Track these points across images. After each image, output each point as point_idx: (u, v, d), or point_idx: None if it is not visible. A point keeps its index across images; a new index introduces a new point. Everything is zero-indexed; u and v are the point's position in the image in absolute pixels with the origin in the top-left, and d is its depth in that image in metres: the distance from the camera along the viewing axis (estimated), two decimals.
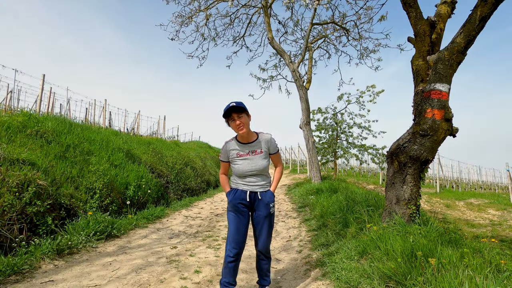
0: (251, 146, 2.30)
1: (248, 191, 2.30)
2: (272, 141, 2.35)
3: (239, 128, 2.19)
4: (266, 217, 2.31)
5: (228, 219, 2.34)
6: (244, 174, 2.28)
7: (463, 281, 1.90)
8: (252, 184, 2.30)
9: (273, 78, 12.18)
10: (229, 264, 2.23)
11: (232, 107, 2.14)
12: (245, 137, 2.28)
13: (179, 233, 4.66)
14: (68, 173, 4.73)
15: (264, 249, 2.36)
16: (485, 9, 2.84)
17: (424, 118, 3.09)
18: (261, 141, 2.31)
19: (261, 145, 2.31)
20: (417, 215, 3.14)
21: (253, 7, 11.15)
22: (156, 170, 7.94)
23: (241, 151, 2.29)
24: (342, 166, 22.05)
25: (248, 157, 2.28)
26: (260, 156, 2.29)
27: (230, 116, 2.19)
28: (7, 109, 8.69)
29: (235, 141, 2.32)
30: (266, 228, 2.33)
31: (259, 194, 2.31)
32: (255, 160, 2.28)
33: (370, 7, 9.74)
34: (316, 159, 10.03)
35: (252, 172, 2.28)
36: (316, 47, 12.38)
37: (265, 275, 2.44)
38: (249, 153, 2.29)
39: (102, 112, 13.53)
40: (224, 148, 2.35)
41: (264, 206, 2.30)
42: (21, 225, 3.38)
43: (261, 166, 2.28)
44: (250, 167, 2.27)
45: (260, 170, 2.29)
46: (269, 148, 2.34)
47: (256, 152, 2.29)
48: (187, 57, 11.45)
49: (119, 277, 2.82)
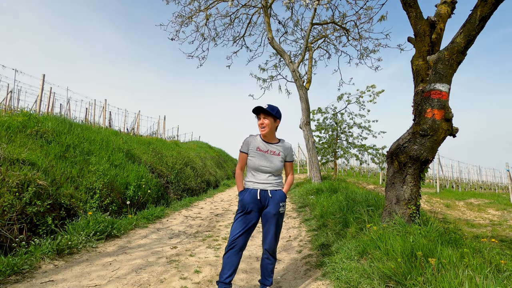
0: (271, 146, 2.44)
1: (259, 190, 2.36)
2: (291, 150, 2.53)
3: (261, 127, 2.39)
4: (275, 215, 2.35)
5: (235, 216, 2.39)
6: (258, 168, 2.37)
7: (463, 281, 1.89)
8: (263, 182, 2.38)
9: (273, 78, 12.18)
10: (226, 253, 2.27)
11: (260, 108, 2.35)
12: (267, 137, 2.44)
13: (179, 233, 4.66)
14: (68, 173, 4.73)
15: (270, 249, 2.39)
16: (485, 9, 2.84)
17: (424, 118, 3.09)
18: (282, 146, 2.47)
19: (281, 149, 2.45)
20: (417, 215, 3.14)
21: (253, 7, 11.16)
22: (156, 170, 7.94)
23: (262, 147, 2.42)
24: (342, 166, 22.06)
25: (266, 155, 2.40)
26: (277, 158, 2.41)
27: (259, 114, 2.40)
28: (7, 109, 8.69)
29: (259, 137, 2.46)
30: (274, 227, 2.36)
31: (269, 192, 2.37)
32: (271, 159, 2.40)
33: (370, 7, 9.75)
34: (316, 159, 10.03)
35: (266, 169, 2.37)
36: (316, 47, 12.38)
37: (268, 275, 2.44)
38: (268, 151, 2.41)
39: (102, 112, 13.53)
40: (247, 140, 2.46)
41: (275, 203, 2.35)
42: (21, 225, 3.38)
43: (275, 166, 2.39)
44: (265, 163, 2.38)
45: (274, 170, 2.39)
46: (287, 155, 2.49)
47: (274, 153, 2.42)
48: (187, 57, 11.46)
49: (119, 277, 2.82)
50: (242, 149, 2.46)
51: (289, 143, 2.55)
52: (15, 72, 9.63)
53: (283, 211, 2.42)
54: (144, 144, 9.53)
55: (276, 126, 2.45)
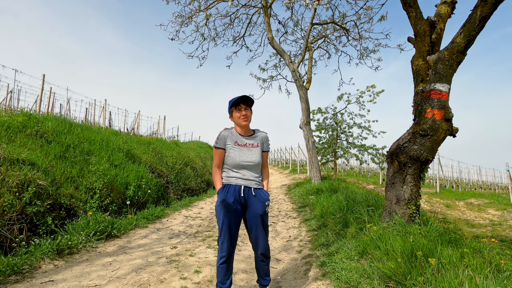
0: (249, 139, 2.31)
1: (243, 186, 2.21)
2: (267, 139, 2.40)
3: (243, 118, 2.22)
4: (262, 216, 2.23)
5: (219, 218, 2.21)
6: (239, 164, 2.22)
7: (463, 281, 1.89)
8: (246, 178, 2.23)
9: (273, 78, 12.18)
10: (220, 265, 2.19)
11: (244, 97, 2.20)
12: (244, 130, 2.31)
13: (179, 233, 4.66)
14: (68, 173, 4.73)
15: (266, 251, 2.28)
16: (485, 9, 2.84)
17: (424, 118, 3.09)
18: (258, 137, 2.35)
19: (258, 140, 2.34)
20: (417, 215, 3.14)
21: (253, 7, 11.15)
22: (156, 170, 7.94)
23: (240, 140, 2.28)
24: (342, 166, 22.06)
25: (246, 148, 2.27)
26: (257, 150, 2.30)
27: (238, 105, 2.23)
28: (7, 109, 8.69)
29: (234, 131, 2.32)
30: (263, 228, 2.26)
31: (253, 190, 2.23)
32: (252, 152, 2.27)
33: (370, 7, 9.74)
34: (316, 159, 10.03)
35: (248, 163, 2.23)
36: (316, 47, 12.37)
37: (266, 275, 2.40)
38: (246, 144, 2.28)
39: (102, 112, 13.53)
40: (222, 134, 2.26)
41: (261, 203, 2.23)
42: (21, 225, 3.38)
43: (257, 159, 2.26)
44: (246, 158, 2.23)
45: (256, 164, 2.27)
46: (263, 144, 2.37)
47: (253, 145, 2.30)
48: (187, 57, 11.46)
49: (119, 277, 2.82)
50: (218, 145, 2.25)
51: (264, 132, 2.41)
52: (15, 72, 9.63)
53: (268, 211, 2.31)
54: (144, 144, 9.53)
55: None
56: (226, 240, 2.18)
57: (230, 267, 2.24)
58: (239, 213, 2.22)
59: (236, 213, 2.20)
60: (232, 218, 2.19)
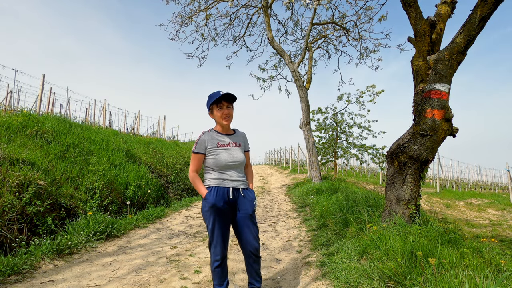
0: (231, 138, 2.24)
1: (231, 188, 2.16)
2: (246, 138, 2.38)
3: (225, 117, 2.15)
4: (251, 215, 2.20)
5: (208, 223, 2.15)
6: (226, 165, 2.15)
7: (463, 281, 1.89)
8: (234, 179, 2.18)
9: (273, 78, 12.18)
10: (215, 269, 2.16)
11: (227, 94, 2.09)
12: (226, 129, 2.24)
13: (179, 233, 4.66)
14: (68, 173, 4.73)
15: (255, 250, 2.19)
16: (485, 9, 2.84)
17: (424, 118, 3.09)
18: (239, 136, 2.32)
19: (240, 139, 2.30)
20: (417, 215, 3.14)
21: (253, 7, 11.15)
22: (156, 170, 7.94)
23: (222, 141, 2.20)
24: (342, 166, 22.06)
25: (230, 148, 2.20)
26: (240, 149, 2.25)
27: (220, 103, 2.12)
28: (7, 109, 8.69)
29: (214, 132, 2.23)
30: (253, 227, 2.20)
31: (241, 191, 2.20)
32: (236, 152, 2.21)
33: (370, 7, 9.74)
34: (316, 159, 10.03)
35: (235, 163, 2.18)
36: (316, 47, 12.38)
37: (257, 275, 2.26)
38: (229, 144, 2.21)
39: (102, 112, 13.53)
40: (202, 138, 2.17)
41: (249, 203, 2.20)
42: (21, 225, 3.38)
43: (241, 158, 2.21)
44: (232, 158, 2.17)
45: (240, 163, 2.22)
46: (245, 144, 2.33)
47: (236, 144, 2.24)
48: (187, 57, 11.46)
49: (119, 277, 2.82)
50: (197, 150, 2.17)
51: (243, 131, 2.38)
52: (15, 72, 9.63)
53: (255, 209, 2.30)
54: (144, 144, 9.53)
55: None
56: (219, 244, 2.14)
57: (225, 269, 2.22)
58: (228, 216, 2.18)
59: (226, 215, 2.16)
60: (223, 221, 2.15)
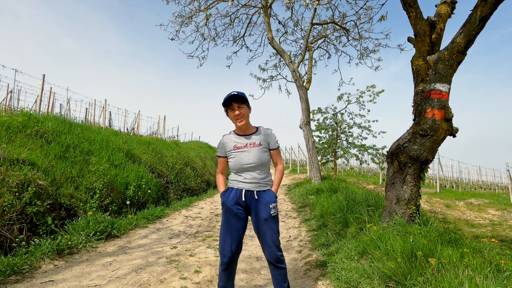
0: (250, 139, 2.14)
1: (244, 190, 2.08)
2: (272, 135, 2.20)
3: (237, 119, 2.08)
4: (266, 220, 2.04)
5: (221, 222, 2.13)
6: (241, 167, 2.09)
7: (463, 281, 1.89)
8: (248, 181, 2.08)
9: (273, 78, 12.18)
10: (222, 272, 2.10)
11: (233, 96, 2.02)
12: (243, 129, 2.15)
13: (179, 233, 4.66)
14: (68, 173, 4.73)
15: (271, 258, 2.06)
16: (485, 9, 2.84)
17: (424, 118, 3.09)
18: (261, 135, 2.17)
19: (260, 138, 2.15)
20: (417, 215, 3.14)
21: (253, 7, 11.16)
22: (156, 170, 7.94)
23: (239, 143, 2.13)
24: (342, 166, 22.06)
25: (246, 149, 2.10)
26: (259, 149, 2.11)
27: (230, 105, 2.07)
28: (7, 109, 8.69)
29: (233, 134, 2.19)
30: (270, 234, 2.04)
31: (255, 193, 2.07)
32: (253, 152, 2.09)
33: (370, 7, 9.75)
34: (316, 159, 10.03)
35: (250, 165, 2.07)
36: (316, 47, 12.38)
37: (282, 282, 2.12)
38: (247, 145, 2.11)
39: (102, 112, 13.53)
40: (221, 142, 2.20)
41: (263, 206, 2.05)
42: (21, 225, 3.38)
43: (259, 159, 2.08)
44: (248, 159, 2.07)
45: (259, 164, 2.08)
46: (269, 143, 2.18)
47: (254, 145, 2.11)
48: (187, 57, 11.46)
49: (119, 277, 2.82)
50: (218, 153, 2.21)
51: (269, 129, 2.22)
52: (15, 72, 9.63)
53: (275, 213, 2.09)
54: (144, 144, 9.53)
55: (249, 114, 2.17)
56: (225, 244, 2.08)
57: (232, 276, 2.14)
58: (240, 218, 2.09)
59: (237, 217, 2.08)
60: (232, 222, 2.08)
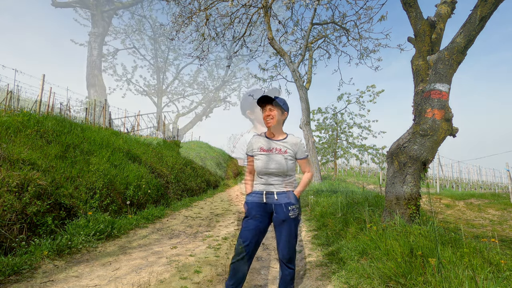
0: (276, 144, 2.16)
1: (264, 192, 2.13)
2: (300, 145, 2.18)
3: (267, 119, 2.12)
4: (285, 221, 2.07)
5: (243, 221, 2.18)
6: (262, 170, 2.13)
7: (463, 281, 1.89)
8: (269, 183, 2.13)
9: (273, 78, 12.19)
10: (231, 264, 2.11)
11: (266, 97, 2.08)
12: (272, 132, 2.19)
13: (179, 233, 4.66)
14: (68, 173, 4.73)
15: (284, 258, 2.10)
16: (485, 9, 2.84)
17: (424, 118, 3.09)
18: (288, 142, 2.17)
19: (287, 145, 2.15)
20: (417, 215, 3.14)
21: (253, 7, 11.16)
22: (156, 170, 7.94)
23: (265, 146, 2.17)
24: (342, 166, 22.07)
25: (269, 154, 2.13)
26: (282, 156, 2.11)
27: (264, 106, 2.13)
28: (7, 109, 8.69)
29: (263, 135, 2.23)
30: (285, 235, 2.08)
31: (275, 195, 2.11)
32: (275, 158, 2.11)
33: (370, 7, 9.76)
34: (316, 159, 10.04)
35: (271, 171, 2.11)
36: (316, 47, 12.39)
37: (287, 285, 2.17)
38: (272, 149, 2.14)
39: (102, 112, 13.53)
40: (250, 141, 2.26)
41: (282, 208, 2.08)
42: (21, 225, 3.38)
43: (281, 166, 2.10)
44: (268, 165, 2.11)
45: (280, 171, 2.11)
46: (297, 152, 2.17)
47: (279, 151, 2.13)
48: (187, 57, 11.46)
49: (119, 277, 2.82)
50: (247, 152, 2.27)
51: (297, 138, 2.22)
52: (15, 72, 9.63)
53: (295, 215, 2.08)
54: (144, 144, 9.53)
55: (283, 120, 2.19)
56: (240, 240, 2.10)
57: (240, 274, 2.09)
58: (261, 219, 2.11)
59: (255, 219, 2.10)
60: (252, 222, 2.11)
